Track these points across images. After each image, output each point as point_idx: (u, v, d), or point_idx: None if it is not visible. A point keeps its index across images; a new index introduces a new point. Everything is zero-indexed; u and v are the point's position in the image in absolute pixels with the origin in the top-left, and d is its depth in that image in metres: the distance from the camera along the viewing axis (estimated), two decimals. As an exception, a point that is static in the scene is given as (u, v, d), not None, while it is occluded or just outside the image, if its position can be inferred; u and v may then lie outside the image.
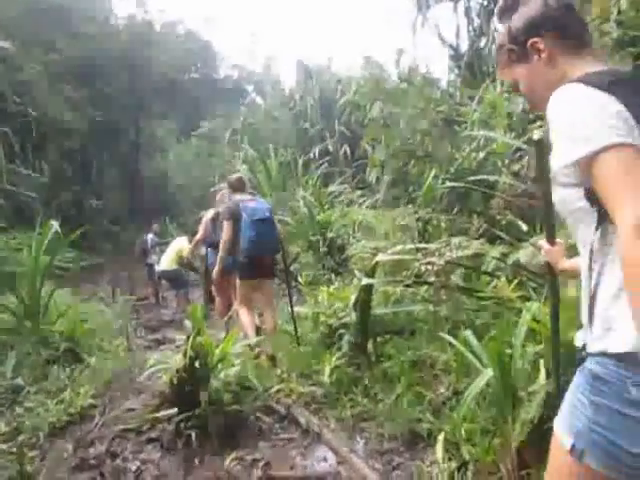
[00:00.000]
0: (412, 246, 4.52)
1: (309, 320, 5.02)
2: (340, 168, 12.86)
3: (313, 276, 7.62)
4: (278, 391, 4.01)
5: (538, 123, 4.64)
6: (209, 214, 6.00)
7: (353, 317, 4.13)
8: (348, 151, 13.19)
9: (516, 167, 4.90)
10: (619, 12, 5.15)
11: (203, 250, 7.36)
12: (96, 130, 16.85)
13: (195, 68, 27.07)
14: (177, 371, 3.44)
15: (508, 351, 2.53)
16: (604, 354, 1.15)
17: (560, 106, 1.17)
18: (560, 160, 1.17)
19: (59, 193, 14.30)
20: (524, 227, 4.52)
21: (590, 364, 1.20)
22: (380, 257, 4.03)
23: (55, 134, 14.65)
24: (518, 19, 1.35)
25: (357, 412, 3.54)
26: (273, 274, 5.24)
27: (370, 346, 4.06)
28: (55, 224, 5.60)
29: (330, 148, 13.69)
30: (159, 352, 5.87)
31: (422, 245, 4.53)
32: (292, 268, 8.96)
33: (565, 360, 2.34)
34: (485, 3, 10.77)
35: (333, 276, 6.96)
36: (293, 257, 9.21)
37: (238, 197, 4.94)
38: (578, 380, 1.25)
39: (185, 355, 3.43)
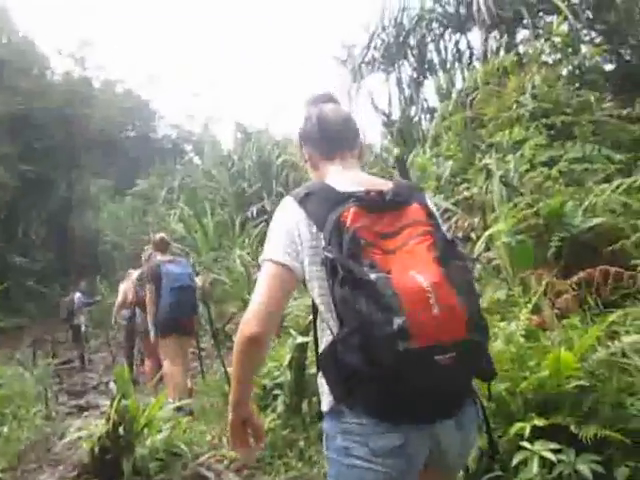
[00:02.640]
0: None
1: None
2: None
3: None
4: (209, 457, 3.82)
5: (464, 185, 4.90)
6: (134, 275, 5.87)
7: (288, 377, 4.05)
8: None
9: (445, 227, 5.10)
10: (533, 87, 5.63)
11: (125, 313, 7.29)
12: (26, 185, 16.26)
13: (133, 126, 26.95)
14: (99, 439, 3.22)
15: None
16: (324, 413, 1.38)
17: (277, 210, 1.47)
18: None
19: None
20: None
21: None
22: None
23: (-20, 189, 14.03)
24: (297, 133, 1.66)
25: (291, 476, 3.41)
26: (193, 332, 5.26)
27: (305, 406, 3.97)
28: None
29: (268, 207, 13.79)
30: (82, 419, 5.52)
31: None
32: (227, 328, 8.79)
33: (494, 413, 2.38)
34: (415, 75, 11.49)
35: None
36: (229, 317, 9.06)
37: (160, 258, 5.02)
38: None
39: (108, 421, 3.23)
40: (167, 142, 31.28)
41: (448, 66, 10.52)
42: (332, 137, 1.54)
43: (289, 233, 1.37)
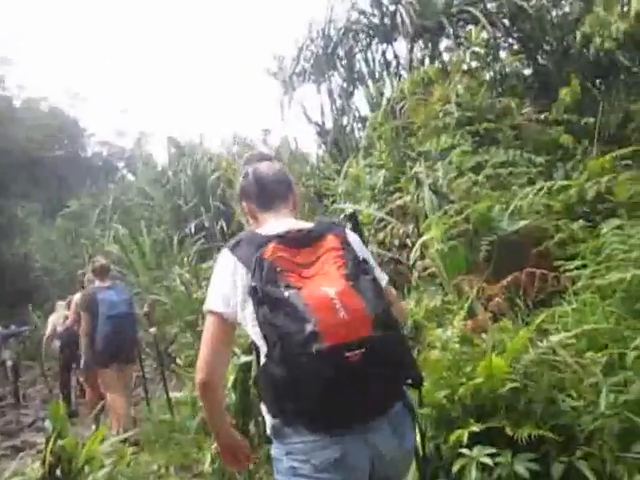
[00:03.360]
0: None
1: (188, 405, 4.79)
2: (217, 243, 12.78)
3: (193, 356, 7.34)
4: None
5: (397, 194, 5.01)
6: (77, 296, 5.63)
7: (232, 398, 3.99)
8: (224, 226, 13.17)
9: (381, 235, 5.19)
10: (457, 95, 5.83)
11: (57, 343, 7.19)
12: (-57, 213, 15.28)
13: (60, 145, 25.93)
14: (35, 482, 3.06)
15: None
16: (271, 437, 1.51)
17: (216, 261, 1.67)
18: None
19: None
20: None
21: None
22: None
23: None
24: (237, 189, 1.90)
25: (241, 501, 3.36)
26: (133, 359, 5.15)
27: (252, 428, 3.91)
28: None
29: (206, 223, 13.58)
30: (17, 461, 5.22)
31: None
32: (170, 349, 8.57)
33: (436, 421, 2.44)
34: (345, 85, 11.68)
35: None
36: (171, 339, 8.84)
37: (97, 285, 4.87)
38: None
39: (44, 463, 3.07)
40: (98, 160, 30.34)
41: (377, 76, 10.74)
42: (267, 192, 1.75)
43: (223, 284, 1.57)
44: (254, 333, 1.49)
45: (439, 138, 5.38)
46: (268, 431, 1.50)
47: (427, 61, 8.72)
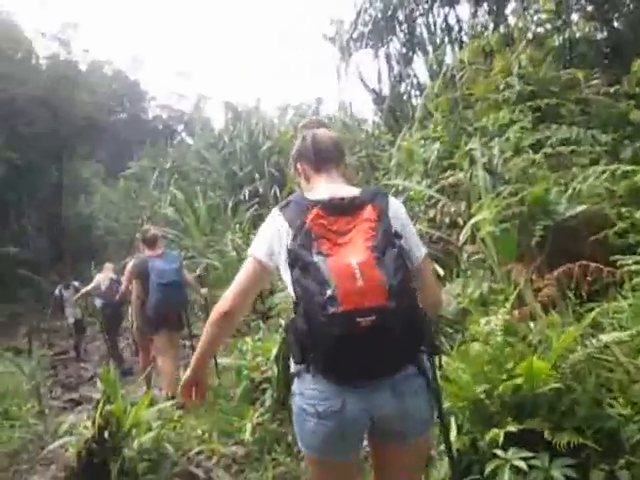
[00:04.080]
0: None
1: (233, 372, 4.92)
2: (270, 210, 12.87)
3: (242, 323, 7.50)
4: (199, 452, 3.85)
5: (450, 172, 4.84)
6: (130, 263, 5.81)
7: (275, 371, 4.05)
8: (278, 192, 13.23)
9: (431, 213, 5.06)
10: (520, 67, 5.52)
11: (98, 302, 7.63)
12: (14, 173, 16.08)
13: (123, 108, 26.65)
14: (85, 442, 3.23)
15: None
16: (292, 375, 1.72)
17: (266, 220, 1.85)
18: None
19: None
20: (441, 272, 4.65)
21: None
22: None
23: (-32, 179, 13.88)
24: (292, 150, 2.02)
25: (280, 472, 3.43)
26: (181, 326, 5.27)
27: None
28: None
29: (260, 189, 13.68)
30: (75, 414, 5.55)
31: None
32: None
33: (474, 415, 2.38)
34: (404, 51, 11.29)
35: (261, 322, 6.85)
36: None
37: (148, 253, 5.00)
38: None
39: (94, 424, 3.23)
40: (158, 123, 31.03)
41: (437, 41, 10.32)
42: (322, 155, 1.87)
43: (269, 237, 1.74)
44: (290, 290, 1.67)
45: (497, 112, 5.14)
46: (292, 369, 1.71)
47: (491, 26, 8.29)
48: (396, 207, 1.76)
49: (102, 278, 8.18)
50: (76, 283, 9.76)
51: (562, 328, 2.44)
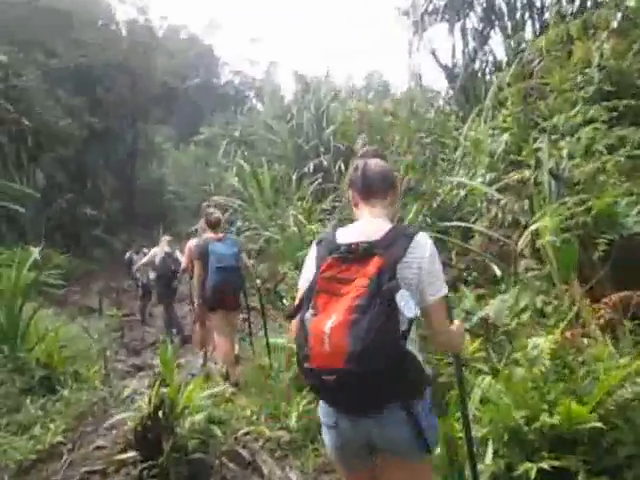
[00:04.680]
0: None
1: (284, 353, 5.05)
2: (334, 184, 12.85)
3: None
4: (246, 433, 4.03)
5: (514, 172, 4.67)
6: (191, 242, 6.04)
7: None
8: (343, 167, 13.18)
9: (493, 210, 4.93)
10: (602, 56, 5.20)
11: (153, 274, 8.04)
12: (93, 137, 16.82)
13: (196, 73, 27.09)
14: (141, 419, 3.46)
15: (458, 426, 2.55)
16: None
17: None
18: None
19: (53, 201, 14.29)
20: (498, 272, 4.55)
21: None
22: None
23: (51, 142, 14.65)
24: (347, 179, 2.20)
25: (320, 463, 3.55)
26: (238, 306, 5.46)
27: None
28: (36, 251, 5.62)
29: (324, 163, 13.68)
30: (138, 379, 5.91)
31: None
32: (279, 288, 8.98)
33: (511, 440, 2.37)
34: (480, 27, 10.80)
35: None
36: (280, 277, 9.22)
37: (209, 236, 5.19)
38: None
39: (150, 403, 3.46)
40: (230, 88, 31.37)
41: (517, 17, 9.80)
42: (369, 187, 2.01)
43: (308, 267, 1.95)
44: None
45: (572, 107, 4.88)
46: None
47: (577, 2, 7.76)
48: (419, 249, 1.82)
49: (157, 252, 8.54)
50: (145, 250, 10.19)
51: (611, 362, 2.36)
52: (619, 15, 5.38)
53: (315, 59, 46.09)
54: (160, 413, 3.42)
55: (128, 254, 10.49)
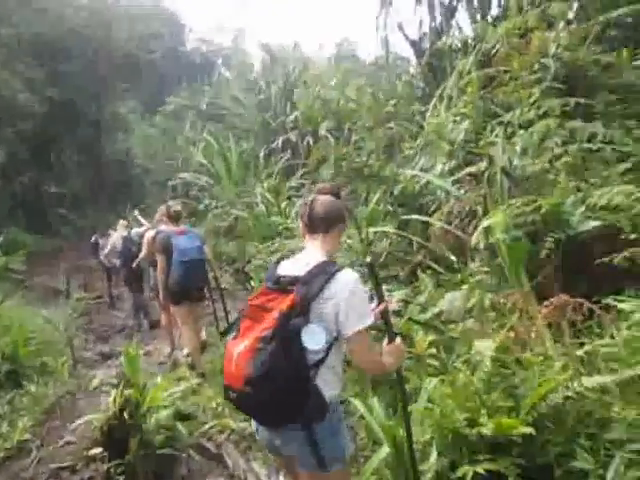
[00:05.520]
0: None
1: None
2: (302, 160, 12.81)
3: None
4: (212, 426, 4.15)
5: (468, 169, 4.77)
6: (150, 234, 6.00)
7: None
8: (311, 142, 13.11)
9: (451, 201, 5.04)
10: (558, 47, 5.28)
11: (116, 262, 8.49)
12: (55, 111, 16.35)
13: (161, 42, 26.32)
14: (107, 419, 3.55)
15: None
16: None
17: None
18: None
19: (15, 178, 13.97)
20: (454, 260, 4.70)
21: None
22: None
23: (10, 116, 14.21)
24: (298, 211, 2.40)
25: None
26: (202, 298, 5.54)
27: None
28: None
29: (293, 138, 13.57)
30: (105, 369, 5.97)
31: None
32: (246, 268, 9.03)
33: (455, 443, 2.54)
34: (447, 2, 10.75)
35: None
36: (249, 257, 9.26)
37: (172, 229, 5.18)
38: None
39: (115, 403, 3.54)
40: (196, 56, 30.58)
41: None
42: (312, 223, 2.18)
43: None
44: None
45: (529, 96, 4.97)
46: None
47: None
48: (338, 286, 1.96)
49: (116, 238, 8.59)
50: (111, 231, 10.10)
51: (545, 369, 2.53)
52: (575, 5, 5.46)
53: (285, 27, 45.08)
54: (125, 413, 3.52)
55: (94, 238, 10.38)
